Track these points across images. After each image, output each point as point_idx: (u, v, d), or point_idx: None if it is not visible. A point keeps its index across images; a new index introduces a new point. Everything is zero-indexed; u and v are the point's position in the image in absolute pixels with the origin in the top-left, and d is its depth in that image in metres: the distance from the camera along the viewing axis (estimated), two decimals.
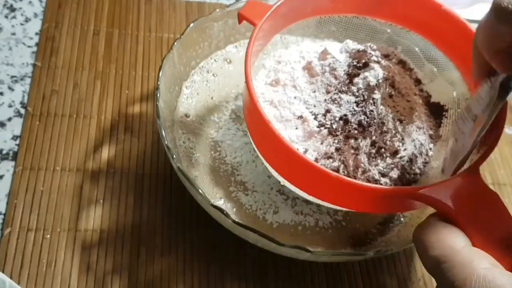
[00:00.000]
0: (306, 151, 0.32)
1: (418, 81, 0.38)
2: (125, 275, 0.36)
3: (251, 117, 0.32)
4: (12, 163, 0.39)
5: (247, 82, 0.30)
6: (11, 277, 0.34)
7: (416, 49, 0.39)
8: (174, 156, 0.33)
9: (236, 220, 0.31)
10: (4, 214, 0.37)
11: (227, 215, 0.31)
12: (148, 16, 0.49)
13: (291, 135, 0.32)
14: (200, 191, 0.32)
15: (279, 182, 0.38)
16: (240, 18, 0.33)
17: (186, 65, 0.41)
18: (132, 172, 0.40)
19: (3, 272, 0.34)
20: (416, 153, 0.34)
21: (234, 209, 0.36)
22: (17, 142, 0.40)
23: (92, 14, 0.48)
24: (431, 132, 0.36)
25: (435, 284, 0.40)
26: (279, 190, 0.37)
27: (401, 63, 0.38)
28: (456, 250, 0.23)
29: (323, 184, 0.29)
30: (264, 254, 0.35)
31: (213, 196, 0.37)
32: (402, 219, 0.38)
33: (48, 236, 0.36)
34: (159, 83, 0.36)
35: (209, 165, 0.38)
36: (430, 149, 0.35)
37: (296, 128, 0.32)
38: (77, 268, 0.35)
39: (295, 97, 0.34)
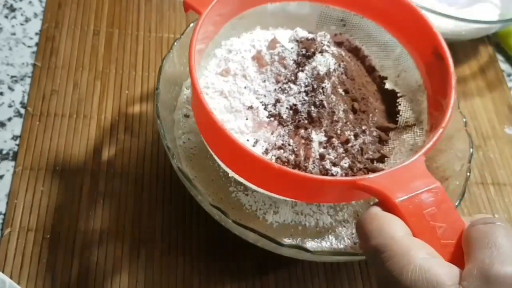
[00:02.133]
0: (256, 141, 0.32)
1: (372, 68, 0.38)
2: (125, 275, 0.36)
3: (196, 109, 0.32)
4: (12, 163, 0.39)
5: (191, 74, 0.30)
6: (11, 277, 0.34)
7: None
8: (174, 156, 0.33)
9: (236, 220, 0.31)
10: (4, 214, 0.37)
11: (227, 215, 0.31)
12: (148, 16, 0.49)
13: (241, 125, 0.32)
14: (200, 191, 0.32)
15: None
16: (186, 6, 0.33)
17: (186, 65, 0.41)
18: (132, 172, 0.40)
19: (3, 272, 0.34)
20: (368, 141, 0.34)
21: (234, 209, 0.36)
22: (17, 142, 0.40)
23: (92, 14, 0.48)
24: (384, 120, 0.36)
25: None
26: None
27: (355, 50, 0.38)
28: (395, 240, 0.23)
29: (267, 175, 0.29)
30: (264, 254, 0.35)
31: (213, 196, 0.37)
32: None
33: (48, 236, 0.36)
34: (159, 83, 0.36)
35: (209, 165, 0.38)
36: (382, 138, 0.35)
37: (246, 119, 0.32)
38: (77, 268, 0.35)
39: (245, 87, 0.34)
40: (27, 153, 0.40)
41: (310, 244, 0.36)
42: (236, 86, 0.34)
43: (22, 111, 0.42)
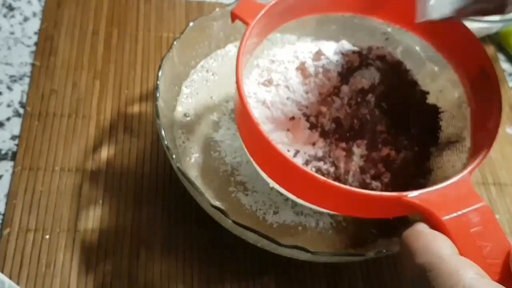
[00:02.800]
0: (297, 152, 0.32)
1: (414, 83, 0.38)
2: (125, 275, 0.36)
3: (241, 119, 0.32)
4: (11, 163, 0.39)
5: (237, 84, 0.30)
6: (10, 278, 0.34)
7: (417, 48, 0.39)
8: (174, 156, 0.33)
9: (236, 220, 0.31)
10: (3, 215, 0.37)
11: (227, 215, 0.31)
12: (148, 15, 0.49)
13: (283, 136, 0.32)
14: (200, 191, 0.31)
15: None
16: (233, 17, 0.33)
17: (185, 64, 0.41)
18: (132, 172, 0.40)
19: (2, 272, 0.34)
20: (409, 157, 0.33)
21: (234, 209, 0.36)
22: (16, 142, 0.40)
23: (91, 14, 0.48)
24: (425, 136, 0.36)
25: None
26: (279, 190, 0.37)
27: (397, 64, 0.38)
28: (443, 258, 0.22)
29: (310, 187, 0.28)
30: (264, 254, 0.35)
31: (213, 196, 0.37)
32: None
33: (48, 236, 0.36)
34: (158, 82, 0.36)
35: (209, 165, 0.38)
36: (423, 154, 0.35)
37: (288, 130, 0.32)
38: (76, 269, 0.35)
39: (287, 98, 0.33)
40: (26, 153, 0.39)
41: (310, 245, 0.35)
42: (278, 96, 0.34)
43: (21, 110, 0.42)
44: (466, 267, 0.22)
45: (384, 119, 0.33)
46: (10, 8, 0.48)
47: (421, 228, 0.25)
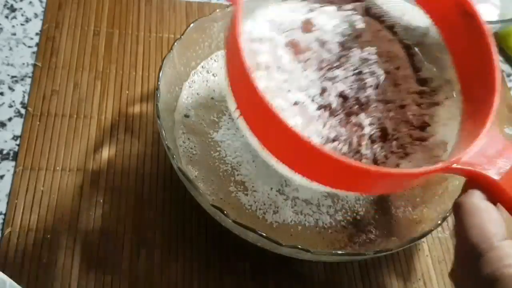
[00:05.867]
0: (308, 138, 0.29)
1: (393, 33, 0.34)
2: (125, 275, 0.36)
3: (245, 95, 0.26)
4: (13, 163, 0.39)
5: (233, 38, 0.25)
6: (11, 277, 0.34)
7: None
8: (174, 156, 0.33)
9: (236, 219, 0.31)
10: (5, 214, 0.37)
11: (227, 215, 0.31)
12: (148, 16, 0.49)
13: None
14: (200, 191, 0.32)
15: (279, 182, 0.38)
16: None
17: (186, 65, 0.41)
18: (132, 172, 0.40)
19: (3, 271, 0.34)
20: (416, 124, 0.31)
21: (234, 208, 0.36)
22: (18, 142, 0.40)
23: (92, 15, 0.48)
24: (416, 86, 0.32)
25: (434, 284, 0.40)
26: (278, 190, 0.38)
27: (378, 18, 0.34)
28: (494, 244, 0.23)
29: (333, 171, 0.25)
30: (264, 254, 0.35)
31: (213, 196, 0.37)
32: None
33: (49, 236, 0.36)
34: (159, 83, 0.36)
35: (209, 165, 0.38)
36: (420, 105, 0.32)
37: (295, 116, 0.29)
38: (77, 268, 0.35)
39: (284, 81, 0.29)
40: (27, 153, 0.40)
41: (310, 244, 0.36)
42: (273, 81, 0.29)
43: (23, 111, 0.42)
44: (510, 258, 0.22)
45: (392, 88, 0.30)
46: (12, 9, 0.48)
47: (477, 200, 0.25)
